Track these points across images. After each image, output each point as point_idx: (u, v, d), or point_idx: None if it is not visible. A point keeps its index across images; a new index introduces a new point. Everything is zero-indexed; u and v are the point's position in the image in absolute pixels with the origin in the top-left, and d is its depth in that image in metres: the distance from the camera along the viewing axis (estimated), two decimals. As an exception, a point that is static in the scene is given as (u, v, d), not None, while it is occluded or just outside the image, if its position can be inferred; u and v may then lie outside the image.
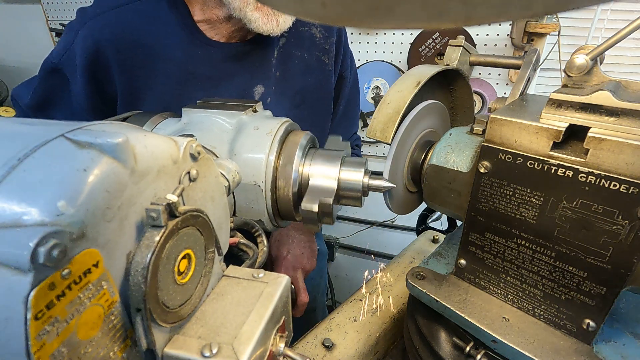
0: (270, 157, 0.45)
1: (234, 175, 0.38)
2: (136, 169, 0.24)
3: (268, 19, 0.69)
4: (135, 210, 0.24)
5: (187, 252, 0.28)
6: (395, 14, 0.11)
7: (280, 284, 0.33)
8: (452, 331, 0.48)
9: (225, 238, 0.36)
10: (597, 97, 0.33)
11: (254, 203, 0.46)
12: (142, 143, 0.25)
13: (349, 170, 0.45)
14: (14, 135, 0.24)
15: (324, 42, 0.88)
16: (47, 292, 0.19)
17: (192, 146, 0.29)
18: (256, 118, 0.49)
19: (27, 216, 0.19)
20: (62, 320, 0.20)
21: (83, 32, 0.71)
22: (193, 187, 0.30)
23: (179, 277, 0.27)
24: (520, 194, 0.38)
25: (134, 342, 0.26)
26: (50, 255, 0.19)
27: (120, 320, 0.24)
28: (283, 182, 0.45)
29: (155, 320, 0.25)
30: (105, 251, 0.22)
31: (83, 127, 0.25)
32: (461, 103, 0.62)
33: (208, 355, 0.26)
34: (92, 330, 0.22)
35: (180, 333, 0.28)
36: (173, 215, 0.25)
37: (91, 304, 0.22)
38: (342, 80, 0.97)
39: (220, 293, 0.32)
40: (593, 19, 1.31)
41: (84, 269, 0.21)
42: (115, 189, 0.23)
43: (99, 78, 0.73)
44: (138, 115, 0.52)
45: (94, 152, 0.22)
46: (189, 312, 0.29)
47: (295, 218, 0.49)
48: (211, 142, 0.46)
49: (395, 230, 1.85)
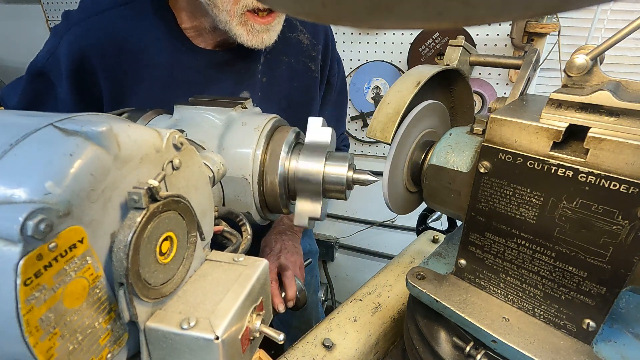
0: (257, 152, 0.47)
1: (218, 166, 0.40)
2: (119, 155, 0.26)
3: (254, 35, 0.69)
4: (119, 194, 0.27)
5: (169, 235, 0.30)
6: (395, 14, 0.11)
7: (258, 267, 0.35)
8: (452, 331, 0.48)
9: (209, 225, 0.38)
10: (597, 97, 0.33)
11: (241, 196, 0.48)
12: (126, 132, 0.27)
13: (334, 164, 0.47)
14: (7, 125, 0.26)
15: (310, 49, 0.89)
16: (35, 262, 0.21)
17: (175, 137, 0.31)
18: (245, 114, 0.50)
19: (17, 194, 0.21)
20: (49, 288, 0.22)
21: (68, 37, 0.70)
22: (176, 175, 0.32)
23: (160, 257, 0.29)
24: (520, 194, 0.38)
25: (118, 315, 0.28)
26: (37, 228, 0.21)
27: (105, 294, 0.27)
28: (269, 175, 0.47)
29: (137, 295, 0.27)
30: (90, 229, 0.25)
31: (71, 117, 0.27)
32: (461, 103, 0.62)
33: (186, 327, 0.29)
34: (77, 301, 0.24)
35: (162, 309, 0.31)
36: (154, 199, 0.27)
37: (76, 276, 0.24)
38: (328, 87, 0.98)
39: (202, 275, 0.35)
40: (593, 19, 1.31)
41: (69, 243, 0.23)
42: (100, 172, 0.25)
43: (85, 83, 0.73)
44: (132, 112, 0.53)
45: (79, 139, 0.25)
46: (171, 291, 0.31)
47: (282, 211, 0.50)
48: (201, 137, 0.47)
49: (395, 230, 1.85)
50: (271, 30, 0.71)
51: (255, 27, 0.68)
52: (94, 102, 0.75)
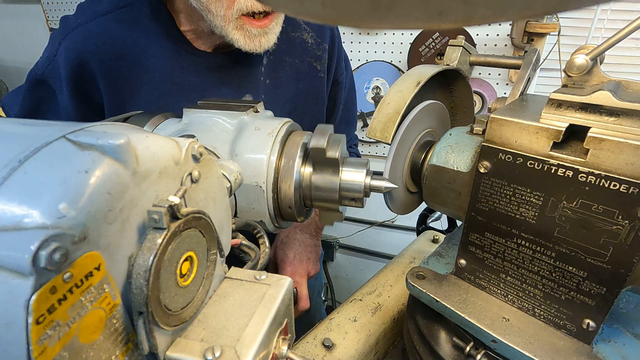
0: (271, 158, 0.44)
1: (235, 176, 0.38)
2: (138, 170, 0.24)
3: (251, 39, 0.68)
4: (137, 212, 0.24)
5: (189, 254, 0.27)
6: (395, 13, 0.11)
7: (282, 286, 0.32)
8: (452, 331, 0.48)
9: (227, 239, 0.35)
10: (597, 97, 0.33)
11: (255, 204, 0.46)
12: (144, 144, 0.25)
13: (351, 170, 0.45)
14: (14, 136, 0.23)
15: (315, 48, 0.87)
16: (49, 296, 0.19)
17: (194, 147, 0.29)
18: (257, 118, 0.48)
19: (28, 219, 0.19)
20: (64, 324, 0.20)
21: (65, 43, 0.70)
22: (195, 188, 0.29)
23: (181, 280, 0.27)
24: (520, 194, 0.38)
25: (135, 346, 0.25)
26: (51, 258, 0.19)
27: (122, 324, 0.24)
28: (284, 182, 0.45)
29: (157, 324, 0.25)
30: (107, 254, 0.22)
31: (84, 128, 0.24)
32: (461, 103, 0.62)
33: (211, 358, 0.26)
34: (93, 334, 0.22)
35: (182, 336, 0.28)
36: (175, 217, 0.25)
37: (93, 307, 0.22)
38: (337, 86, 0.96)
39: (223, 295, 0.32)
40: (593, 19, 1.31)
41: (85, 272, 0.21)
42: (117, 190, 0.22)
43: (85, 89, 0.72)
44: (139, 116, 0.51)
45: (95, 153, 0.22)
46: (191, 315, 0.28)
47: (297, 219, 0.48)
48: (212, 143, 0.46)
49: (395, 230, 1.85)
50: (269, 33, 0.70)
51: (251, 31, 0.67)
52: (95, 107, 0.74)
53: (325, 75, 0.90)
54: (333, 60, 0.91)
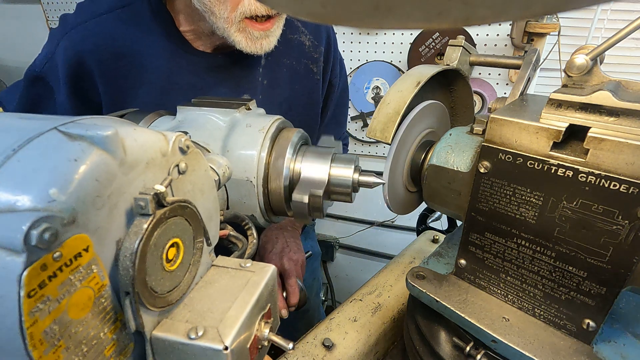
0: (262, 154, 0.46)
1: (224, 169, 0.39)
2: (125, 160, 0.25)
3: (252, 42, 0.69)
4: (125, 200, 0.26)
5: (176, 241, 0.29)
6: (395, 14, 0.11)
7: (266, 273, 0.34)
8: (452, 331, 0.48)
9: (215, 230, 0.37)
10: (597, 97, 0.33)
11: (246, 198, 0.47)
12: (132, 136, 0.26)
13: (340, 166, 0.46)
14: (9, 128, 0.25)
15: (312, 50, 0.88)
16: (40, 272, 0.21)
17: (181, 140, 0.30)
18: (249, 115, 0.50)
19: (21, 202, 0.21)
20: (54, 299, 0.22)
21: (64, 42, 0.70)
22: (182, 179, 0.31)
23: (167, 264, 0.28)
24: (520, 194, 0.38)
25: (123, 325, 0.27)
26: (42, 237, 0.20)
27: (110, 303, 0.26)
28: (274, 177, 0.47)
29: (144, 304, 0.26)
30: (96, 237, 0.24)
31: (75, 120, 0.26)
32: (461, 103, 0.62)
33: (194, 337, 0.28)
34: (82, 311, 0.24)
35: (168, 317, 0.30)
36: (161, 204, 0.26)
37: (82, 286, 0.23)
38: (330, 88, 0.97)
39: (209, 281, 0.34)
40: (593, 19, 1.31)
41: (74, 252, 0.22)
42: (105, 178, 0.24)
43: (83, 88, 0.72)
44: (134, 113, 0.52)
45: (84, 143, 0.24)
46: (177, 298, 0.30)
47: (287, 213, 0.50)
48: (205, 139, 0.47)
49: (395, 230, 1.85)
50: (270, 36, 0.70)
51: (253, 33, 0.68)
52: (93, 106, 0.74)
53: (321, 77, 0.91)
54: (329, 63, 0.92)
